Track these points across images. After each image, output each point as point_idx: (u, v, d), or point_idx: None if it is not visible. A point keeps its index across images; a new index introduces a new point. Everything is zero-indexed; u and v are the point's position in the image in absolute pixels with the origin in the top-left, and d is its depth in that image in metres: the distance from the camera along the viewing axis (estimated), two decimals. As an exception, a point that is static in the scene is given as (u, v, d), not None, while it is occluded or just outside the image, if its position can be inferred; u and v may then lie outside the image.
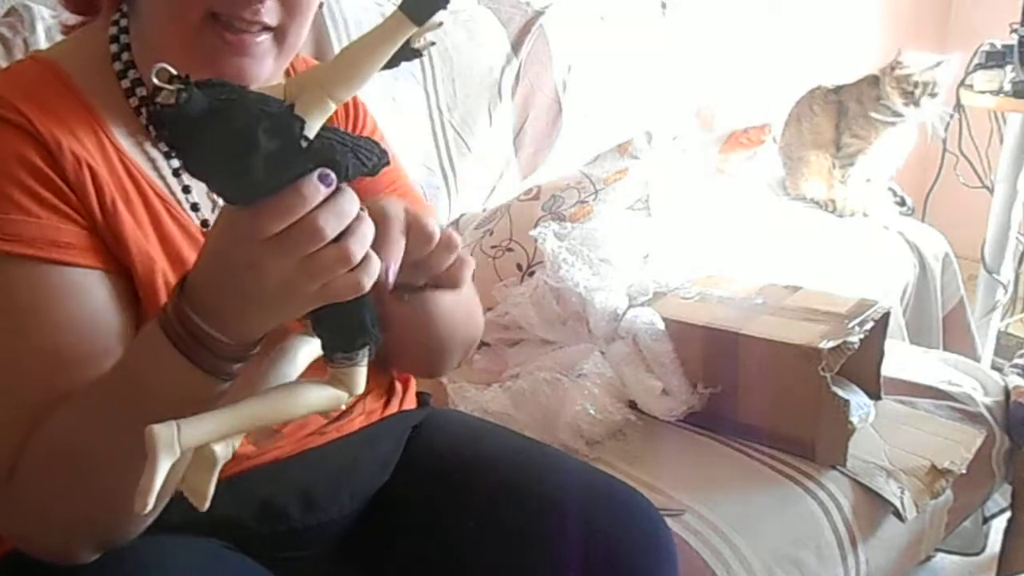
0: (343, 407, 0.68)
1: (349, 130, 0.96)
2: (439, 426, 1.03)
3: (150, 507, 0.58)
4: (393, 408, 0.99)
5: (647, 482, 1.20)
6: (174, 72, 0.56)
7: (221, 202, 0.84)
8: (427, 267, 0.71)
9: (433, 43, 0.64)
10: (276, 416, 0.63)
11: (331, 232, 0.60)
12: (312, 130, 0.59)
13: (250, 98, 0.58)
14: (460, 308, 0.92)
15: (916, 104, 2.02)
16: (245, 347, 0.65)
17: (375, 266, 0.62)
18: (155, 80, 0.56)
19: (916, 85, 2.00)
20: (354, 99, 0.98)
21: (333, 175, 0.59)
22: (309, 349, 0.67)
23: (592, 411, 1.30)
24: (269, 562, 0.81)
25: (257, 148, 0.56)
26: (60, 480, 0.68)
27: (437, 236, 0.70)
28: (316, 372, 0.68)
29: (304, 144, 0.58)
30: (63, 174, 0.73)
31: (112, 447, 0.66)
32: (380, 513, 0.96)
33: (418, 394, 1.06)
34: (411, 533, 0.95)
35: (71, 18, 0.86)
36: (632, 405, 1.37)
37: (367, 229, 0.62)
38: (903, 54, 2.04)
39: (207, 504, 0.61)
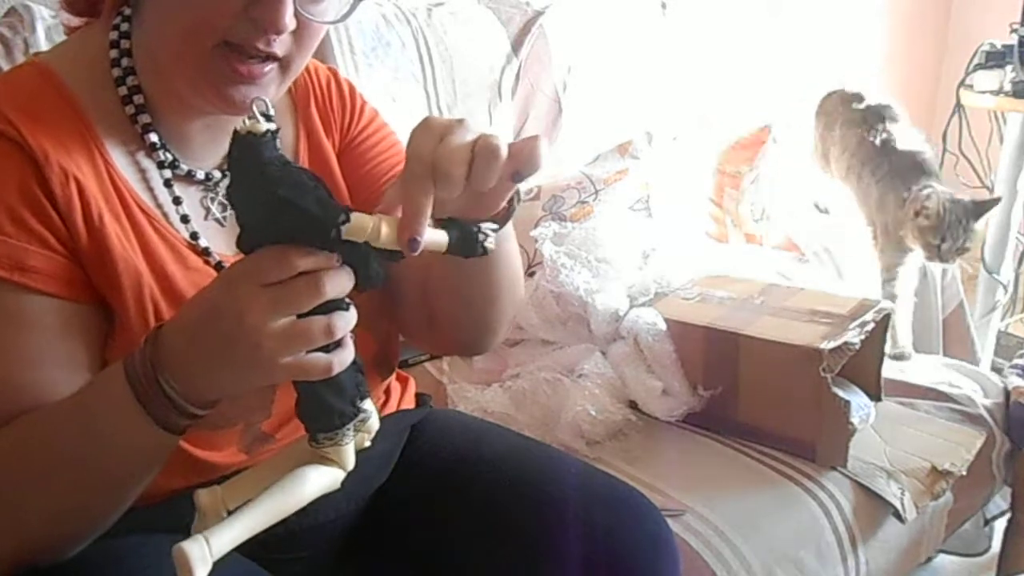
0: (340, 485, 0.70)
1: (346, 122, 0.96)
2: (439, 426, 1.02)
3: None
4: (390, 408, 0.99)
5: (647, 482, 1.20)
6: (271, 111, 0.62)
7: (214, 211, 0.84)
8: (479, 186, 0.66)
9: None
10: (289, 508, 0.66)
11: (330, 294, 0.62)
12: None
13: (308, 174, 0.62)
14: (514, 264, 0.89)
15: (942, 259, 1.61)
16: (201, 406, 0.67)
17: (348, 355, 0.65)
18: (254, 108, 0.60)
19: (944, 239, 1.58)
20: (351, 90, 0.97)
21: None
22: (319, 476, 0.69)
23: (592, 411, 1.30)
24: (267, 564, 0.81)
25: (305, 206, 0.60)
26: None
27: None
28: None
29: (339, 232, 0.62)
30: (49, 189, 0.72)
31: (51, 476, 0.68)
32: (379, 514, 0.96)
33: (417, 395, 1.05)
34: (410, 534, 0.94)
35: (73, 19, 0.86)
36: (632, 405, 1.37)
37: (352, 316, 0.65)
38: (927, 195, 1.61)
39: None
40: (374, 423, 0.70)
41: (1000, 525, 1.66)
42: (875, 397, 1.41)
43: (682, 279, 1.50)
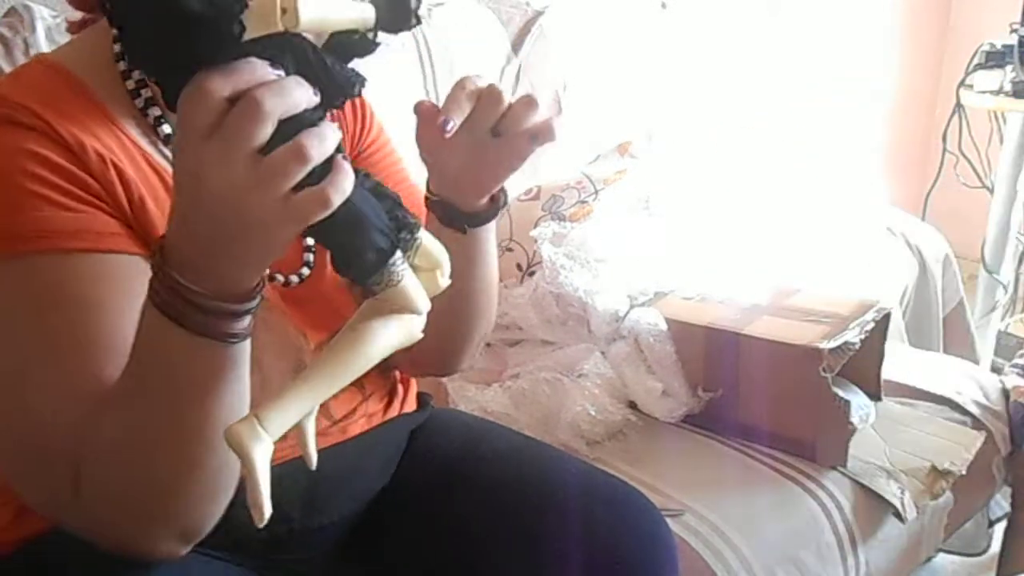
0: (421, 333, 0.60)
1: (357, 130, 0.95)
2: (439, 427, 1.02)
3: (268, 513, 0.56)
4: (394, 410, 0.99)
5: (647, 482, 1.20)
6: None
7: None
8: (512, 124, 0.78)
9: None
10: (356, 372, 0.57)
11: (270, 109, 0.51)
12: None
13: None
14: (494, 263, 0.90)
15: None
16: (230, 298, 0.59)
17: (345, 178, 0.54)
18: None
19: None
20: (362, 101, 0.96)
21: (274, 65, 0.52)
22: (388, 326, 0.58)
23: (592, 411, 1.30)
24: (270, 565, 0.81)
25: (187, 4, 0.49)
26: (125, 478, 0.65)
27: (504, 97, 0.78)
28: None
29: (241, 24, 0.50)
30: (89, 172, 0.71)
31: (157, 431, 0.64)
32: (381, 515, 0.96)
33: (418, 395, 1.05)
34: (412, 534, 0.94)
35: (77, 15, 0.85)
36: (632, 406, 1.37)
37: (326, 129, 0.54)
38: None
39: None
40: (437, 254, 0.60)
41: (1001, 526, 1.66)
42: (875, 397, 1.41)
43: (682, 279, 1.50)
